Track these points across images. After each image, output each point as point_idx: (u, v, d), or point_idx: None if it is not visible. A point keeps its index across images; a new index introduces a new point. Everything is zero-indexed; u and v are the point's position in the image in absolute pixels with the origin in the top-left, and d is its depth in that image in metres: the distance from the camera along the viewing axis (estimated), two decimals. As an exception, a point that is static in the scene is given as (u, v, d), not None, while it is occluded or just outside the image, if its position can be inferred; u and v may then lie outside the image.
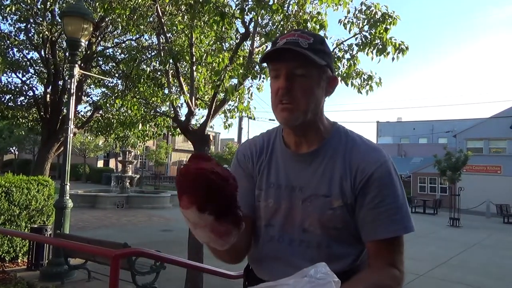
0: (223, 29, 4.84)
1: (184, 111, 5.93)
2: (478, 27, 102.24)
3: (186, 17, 4.93)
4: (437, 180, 26.37)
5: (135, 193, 16.73)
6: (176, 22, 4.90)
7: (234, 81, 4.84)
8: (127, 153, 17.27)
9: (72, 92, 5.53)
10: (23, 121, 10.91)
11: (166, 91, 6.11)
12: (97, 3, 6.37)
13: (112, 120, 10.04)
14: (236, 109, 6.03)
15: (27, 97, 10.35)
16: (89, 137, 25.88)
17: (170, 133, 7.18)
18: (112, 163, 34.63)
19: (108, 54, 10.49)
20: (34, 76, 10.29)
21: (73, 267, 5.24)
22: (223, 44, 5.16)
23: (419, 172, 28.53)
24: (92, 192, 16.22)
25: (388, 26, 4.18)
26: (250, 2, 4.21)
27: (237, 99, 5.75)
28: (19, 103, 10.31)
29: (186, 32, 5.17)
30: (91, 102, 11.19)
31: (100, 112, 10.25)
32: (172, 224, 10.85)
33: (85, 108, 11.42)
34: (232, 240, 0.88)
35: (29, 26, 9.15)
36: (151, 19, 5.51)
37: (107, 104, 7.73)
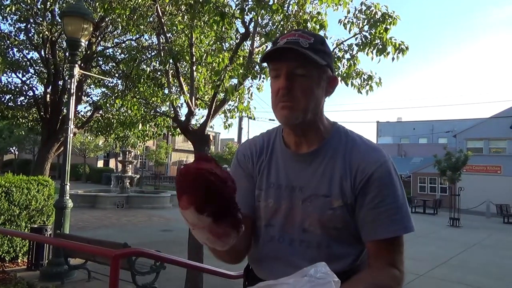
0: (223, 29, 4.84)
1: (184, 111, 5.94)
2: (478, 27, 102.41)
3: (186, 17, 4.93)
4: (437, 180, 26.37)
5: (135, 193, 16.73)
6: (176, 22, 4.90)
7: (234, 81, 4.84)
8: (127, 153, 17.27)
9: (72, 92, 5.53)
10: (23, 121, 10.91)
11: (166, 91, 6.11)
12: (97, 3, 6.37)
13: (112, 120, 10.04)
14: (236, 109, 6.03)
15: (27, 97, 10.35)
16: (89, 137, 25.88)
17: (170, 133, 7.18)
18: (112, 163, 34.63)
19: (108, 54, 10.49)
20: (34, 76, 10.29)
21: (73, 267, 5.25)
22: (223, 44, 5.16)
23: (419, 172, 28.54)
24: (92, 192, 16.21)
25: (388, 26, 4.19)
26: (250, 2, 4.21)
27: (237, 99, 5.75)
28: (19, 103, 10.31)
29: (186, 32, 5.17)
30: (91, 102, 11.20)
31: (100, 112, 10.25)
32: (172, 224, 10.85)
33: (85, 108, 11.46)
34: (231, 241, 0.88)
35: (29, 26, 9.15)
36: (151, 19, 5.51)
37: (107, 104, 7.73)
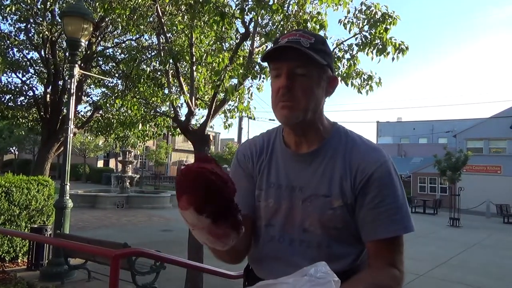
0: (223, 29, 4.84)
1: (184, 111, 5.94)
2: (478, 27, 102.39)
3: (186, 17, 4.93)
4: (437, 180, 26.38)
5: (135, 193, 16.73)
6: (176, 22, 4.90)
7: (234, 81, 4.84)
8: (127, 153, 17.27)
9: (72, 92, 5.53)
10: (23, 121, 10.91)
11: (166, 91, 6.11)
12: (97, 3, 6.37)
13: (112, 120, 10.04)
14: (236, 109, 6.03)
15: (27, 97, 10.35)
16: (89, 137, 25.88)
17: (170, 133, 7.18)
18: (112, 163, 34.63)
19: (108, 54, 10.49)
20: (34, 76, 10.29)
21: (73, 267, 5.25)
22: (223, 44, 5.16)
23: (419, 172, 28.54)
24: (92, 192, 16.21)
25: (388, 26, 4.19)
26: (250, 2, 4.21)
27: (237, 99, 5.75)
28: (19, 103, 10.31)
29: (186, 32, 5.17)
30: (91, 102, 11.20)
31: (100, 112, 10.25)
32: (172, 224, 10.85)
33: (85, 108, 11.45)
34: (231, 242, 0.88)
35: (29, 26, 9.14)
36: (151, 19, 5.51)
37: (107, 104, 7.73)
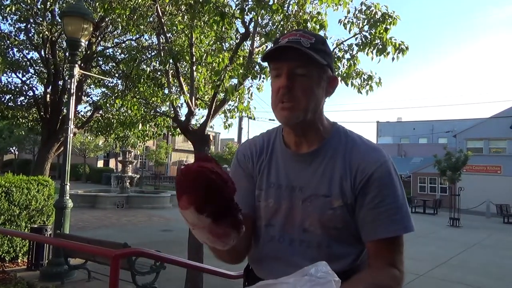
0: (223, 29, 4.84)
1: (184, 111, 5.94)
2: (478, 27, 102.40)
3: (186, 17, 4.93)
4: (437, 180, 26.37)
5: (135, 193, 16.74)
6: (176, 22, 4.90)
7: (234, 81, 4.84)
8: (127, 153, 17.27)
9: (72, 92, 5.53)
10: (23, 121, 10.91)
11: (166, 91, 6.11)
12: (97, 3, 6.38)
13: (112, 120, 10.04)
14: (236, 109, 6.03)
15: (27, 97, 10.35)
16: (89, 137, 25.87)
17: (170, 133, 7.18)
18: (112, 163, 34.63)
19: (108, 54, 10.49)
20: (34, 76, 10.29)
21: (73, 267, 5.25)
22: (223, 44, 5.16)
23: (419, 172, 28.54)
24: (92, 192, 16.21)
25: (388, 26, 4.19)
26: (250, 2, 4.21)
27: (237, 99, 5.75)
28: (19, 103, 10.31)
29: (186, 32, 5.17)
30: (91, 102, 11.20)
31: (100, 112, 10.24)
32: (172, 224, 10.85)
33: (85, 108, 11.45)
34: (231, 242, 0.88)
35: (29, 26, 9.14)
36: (151, 19, 5.51)
37: (107, 104, 7.73)
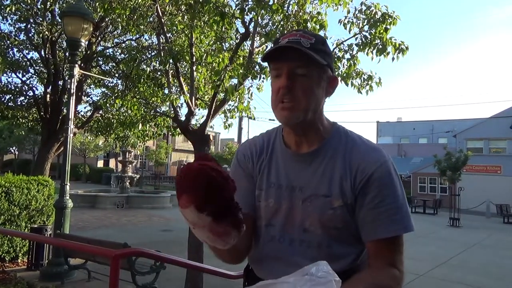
0: (223, 29, 4.85)
1: (184, 111, 5.95)
2: (478, 27, 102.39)
3: (186, 17, 4.93)
4: (437, 180, 26.37)
5: (135, 193, 16.74)
6: (176, 22, 4.90)
7: (234, 81, 4.84)
8: (127, 153, 17.26)
9: (72, 92, 5.53)
10: (23, 121, 10.91)
11: (166, 91, 6.11)
12: (97, 3, 6.37)
13: (112, 120, 10.03)
14: (236, 109, 6.03)
15: (27, 97, 10.35)
16: (89, 137, 25.87)
17: (170, 133, 7.18)
18: (112, 163, 34.62)
19: (108, 54, 10.49)
20: (34, 76, 10.29)
21: (73, 267, 5.25)
22: (223, 44, 5.16)
23: (419, 172, 28.54)
24: (92, 192, 16.21)
25: (388, 26, 4.19)
26: (250, 2, 4.21)
27: (237, 99, 5.75)
28: (19, 103, 10.31)
29: (186, 32, 5.17)
30: (91, 102, 11.20)
31: (100, 112, 10.24)
32: (172, 224, 10.84)
33: (85, 108, 11.45)
34: (232, 241, 0.88)
35: (29, 26, 9.14)
36: (151, 19, 5.51)
37: (107, 104, 7.73)
